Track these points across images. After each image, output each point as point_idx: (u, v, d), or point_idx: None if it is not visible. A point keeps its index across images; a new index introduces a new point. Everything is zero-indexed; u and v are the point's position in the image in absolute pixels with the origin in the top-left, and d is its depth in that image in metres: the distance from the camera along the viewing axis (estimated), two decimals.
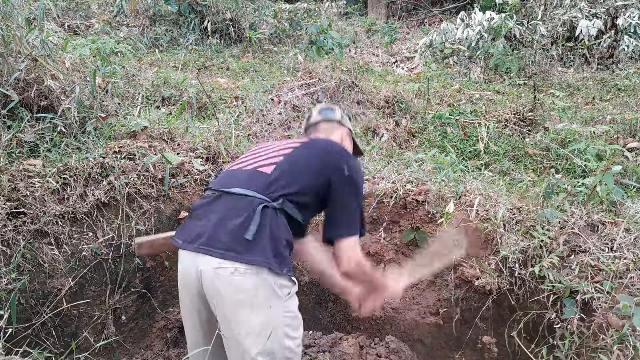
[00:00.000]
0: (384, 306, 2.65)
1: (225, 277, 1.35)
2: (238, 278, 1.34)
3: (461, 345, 2.47)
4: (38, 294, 2.08)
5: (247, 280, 1.35)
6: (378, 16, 9.92)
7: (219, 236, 1.39)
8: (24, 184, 2.12)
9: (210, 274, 1.37)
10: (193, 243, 1.42)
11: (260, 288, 1.37)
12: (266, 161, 1.56)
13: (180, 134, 2.91)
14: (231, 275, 1.35)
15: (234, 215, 1.41)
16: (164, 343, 2.56)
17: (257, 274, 1.36)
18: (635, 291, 1.78)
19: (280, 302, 1.42)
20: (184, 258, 1.48)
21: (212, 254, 1.37)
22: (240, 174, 1.55)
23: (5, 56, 2.48)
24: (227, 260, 1.35)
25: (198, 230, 1.44)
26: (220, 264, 1.36)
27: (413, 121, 4.33)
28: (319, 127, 1.88)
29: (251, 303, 1.36)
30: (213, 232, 1.40)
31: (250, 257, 1.36)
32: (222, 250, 1.37)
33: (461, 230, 2.08)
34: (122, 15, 5.90)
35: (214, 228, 1.41)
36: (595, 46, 6.39)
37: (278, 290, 1.41)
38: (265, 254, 1.37)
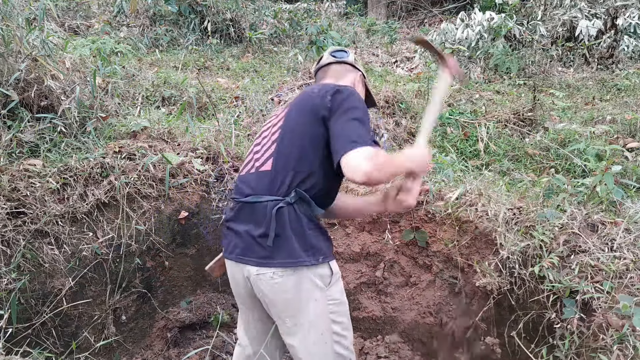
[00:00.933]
0: (384, 306, 2.65)
1: (267, 282, 1.43)
2: (278, 280, 1.42)
3: (461, 345, 2.47)
4: (38, 294, 2.08)
5: (287, 280, 1.42)
6: (378, 16, 9.93)
7: (251, 246, 1.46)
8: (24, 184, 2.12)
9: (254, 279, 1.46)
10: (232, 253, 1.52)
11: (302, 284, 1.44)
12: (263, 156, 1.53)
13: (180, 134, 2.91)
14: (271, 279, 1.42)
15: (256, 225, 1.45)
16: (164, 343, 2.56)
17: (294, 272, 1.43)
18: (635, 291, 1.78)
19: (323, 293, 1.49)
20: (230, 266, 1.60)
21: (250, 263, 1.46)
22: (248, 178, 1.56)
23: (6, 56, 2.48)
24: (263, 267, 1.43)
25: (234, 242, 1.53)
26: (259, 270, 1.44)
27: (413, 121, 4.33)
28: (330, 70, 1.76)
29: (297, 299, 1.44)
30: (244, 243, 1.48)
31: (281, 260, 1.41)
32: (255, 259, 1.44)
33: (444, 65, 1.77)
34: (122, 15, 5.90)
35: (244, 239, 1.48)
36: (595, 46, 6.39)
37: (319, 281, 1.47)
38: (294, 253, 1.41)
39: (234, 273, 1.58)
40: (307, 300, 1.45)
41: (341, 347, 1.55)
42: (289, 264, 1.41)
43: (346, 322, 1.58)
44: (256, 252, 1.44)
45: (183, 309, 2.61)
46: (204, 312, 2.65)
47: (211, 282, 2.73)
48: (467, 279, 2.40)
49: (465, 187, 2.55)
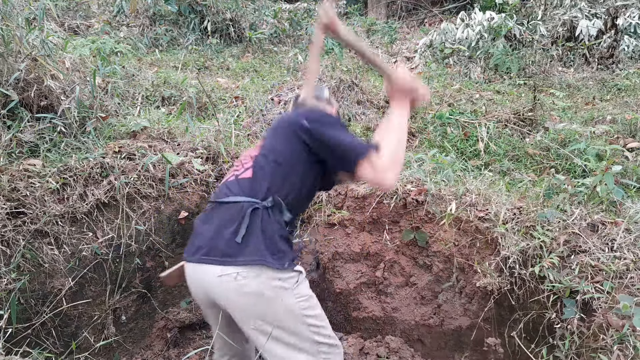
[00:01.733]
0: (384, 306, 2.65)
1: (230, 284, 1.39)
2: (242, 282, 1.39)
3: (462, 345, 2.47)
4: (38, 294, 2.07)
5: (251, 282, 1.39)
6: (378, 16, 9.92)
7: (217, 244, 1.43)
8: (24, 184, 2.11)
9: (216, 282, 1.42)
10: (195, 255, 1.47)
11: (266, 288, 1.41)
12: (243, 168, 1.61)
13: (180, 134, 2.91)
14: (235, 281, 1.39)
15: (228, 223, 1.45)
16: (164, 343, 2.56)
17: (258, 275, 1.40)
18: (635, 291, 1.78)
19: (290, 292, 1.47)
20: (189, 271, 1.54)
21: (213, 263, 1.42)
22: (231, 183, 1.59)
23: (5, 56, 2.48)
24: (227, 266, 1.40)
25: (199, 243, 1.49)
26: (222, 271, 1.40)
27: (413, 121, 4.33)
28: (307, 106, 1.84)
29: (263, 303, 1.42)
30: (211, 242, 1.45)
31: (246, 258, 1.39)
32: (220, 257, 1.41)
33: None
34: (122, 15, 5.90)
35: (212, 238, 1.45)
36: (595, 46, 6.39)
37: (284, 283, 1.45)
38: (260, 253, 1.41)
39: (194, 278, 1.51)
40: (274, 301, 1.43)
41: (321, 336, 1.54)
42: (253, 262, 1.39)
43: (320, 313, 1.56)
44: (220, 250, 1.41)
45: (183, 309, 2.61)
46: None
47: None
48: (468, 279, 2.40)
49: (465, 189, 2.55)
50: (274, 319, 1.44)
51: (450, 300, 2.49)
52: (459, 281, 2.45)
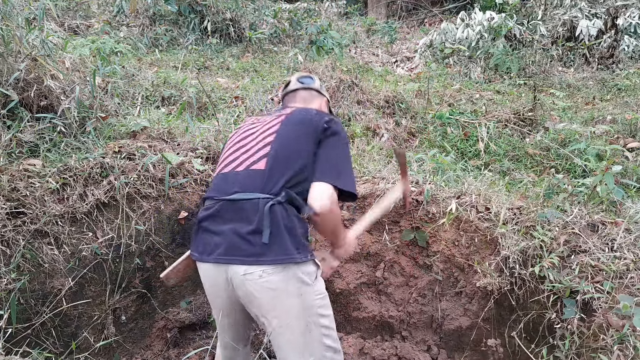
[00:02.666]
0: (384, 306, 2.65)
1: (254, 281, 1.41)
2: (267, 278, 1.40)
3: (462, 345, 2.47)
4: (38, 294, 2.07)
5: (276, 277, 1.41)
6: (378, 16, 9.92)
7: (237, 244, 1.42)
8: (23, 184, 2.11)
9: (239, 280, 1.42)
10: (212, 254, 1.46)
11: (290, 281, 1.43)
12: (256, 155, 1.56)
13: (180, 134, 2.91)
14: (260, 278, 1.40)
15: (245, 222, 1.43)
16: (164, 343, 2.56)
17: (283, 269, 1.42)
18: (635, 291, 1.78)
19: (310, 288, 1.49)
20: (207, 270, 1.53)
21: (236, 262, 1.42)
22: (235, 177, 1.55)
23: (5, 56, 2.48)
24: (252, 265, 1.40)
25: (214, 242, 1.47)
26: (247, 270, 1.40)
27: (413, 121, 4.33)
28: (298, 95, 1.86)
29: (285, 296, 1.43)
30: (230, 241, 1.44)
31: (273, 257, 1.40)
32: (244, 257, 1.41)
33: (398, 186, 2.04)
34: (122, 15, 5.90)
35: (230, 238, 1.44)
36: (595, 46, 6.38)
37: (305, 277, 1.47)
38: (287, 250, 1.42)
39: (212, 276, 1.50)
40: (293, 296, 1.44)
41: (330, 339, 1.55)
42: (280, 261, 1.40)
43: (331, 314, 1.58)
44: (244, 250, 1.40)
45: (183, 309, 2.61)
46: (204, 312, 2.65)
47: None
48: (468, 279, 2.40)
49: (465, 189, 2.55)
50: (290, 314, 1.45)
51: (451, 300, 2.49)
52: (459, 281, 2.45)
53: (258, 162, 1.53)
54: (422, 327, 2.59)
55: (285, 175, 1.49)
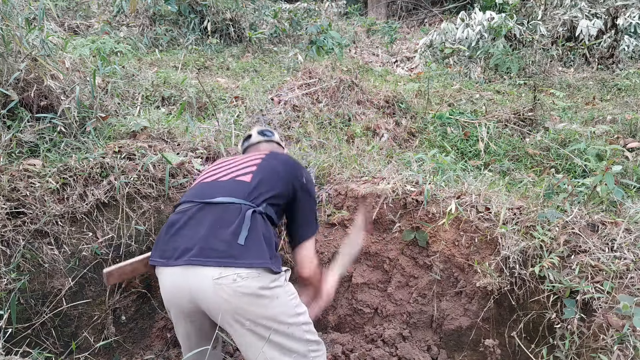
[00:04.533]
0: (385, 306, 2.65)
1: (228, 286, 1.35)
2: (241, 283, 1.36)
3: (462, 345, 2.47)
4: (38, 294, 2.07)
5: (250, 283, 1.38)
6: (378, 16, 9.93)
7: (214, 245, 1.38)
8: (23, 184, 2.11)
9: (210, 285, 1.36)
10: (181, 257, 1.40)
11: (264, 289, 1.42)
12: (241, 171, 1.65)
13: (180, 134, 2.91)
14: (234, 282, 1.35)
15: (225, 223, 1.42)
16: (164, 343, 2.56)
17: (258, 276, 1.39)
18: (635, 291, 1.78)
19: (283, 289, 1.50)
20: (171, 274, 1.44)
21: (209, 264, 1.36)
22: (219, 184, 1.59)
23: (5, 56, 2.48)
24: (227, 267, 1.36)
25: (185, 244, 1.42)
26: (221, 273, 1.36)
27: (413, 121, 4.33)
28: (260, 147, 1.99)
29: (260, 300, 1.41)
30: (205, 242, 1.39)
31: (249, 260, 1.38)
32: (219, 259, 1.37)
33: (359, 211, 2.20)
34: (122, 15, 5.90)
35: (206, 239, 1.40)
36: (595, 46, 6.38)
37: (277, 282, 1.48)
38: (263, 255, 1.41)
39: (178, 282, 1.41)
40: (270, 300, 1.42)
41: (311, 334, 1.58)
42: (255, 265, 1.38)
43: (306, 310, 1.61)
44: (220, 251, 1.37)
45: None
46: None
47: None
48: (468, 279, 2.40)
49: (465, 189, 2.55)
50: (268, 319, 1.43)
51: (451, 300, 2.49)
52: (459, 281, 2.45)
53: (243, 175, 1.60)
54: (422, 327, 2.59)
55: (269, 192, 1.58)
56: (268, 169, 1.67)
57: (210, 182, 1.63)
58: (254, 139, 2.03)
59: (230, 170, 1.68)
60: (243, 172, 1.64)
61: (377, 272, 2.68)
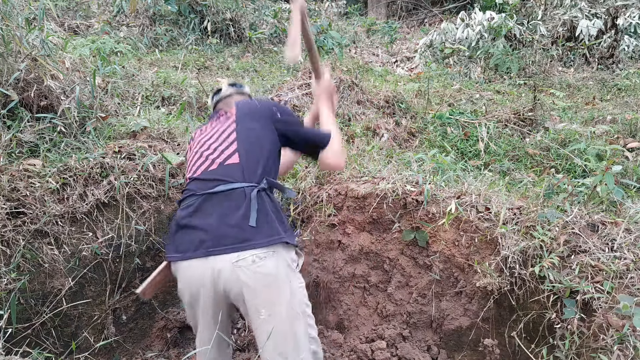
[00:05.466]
0: (385, 306, 2.65)
1: (247, 268, 1.40)
2: (260, 263, 1.41)
3: (461, 345, 2.46)
4: (38, 294, 2.07)
5: (268, 262, 1.42)
6: (378, 16, 9.93)
7: (227, 232, 1.42)
8: (23, 184, 2.11)
9: (229, 270, 1.41)
10: (198, 250, 1.44)
11: (280, 266, 1.46)
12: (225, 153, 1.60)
13: (180, 134, 2.91)
14: (253, 263, 1.40)
15: (232, 209, 1.45)
16: (164, 343, 2.56)
17: (274, 253, 1.44)
18: (635, 291, 1.78)
19: (295, 275, 1.53)
20: (190, 267, 1.48)
21: (226, 251, 1.41)
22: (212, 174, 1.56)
23: (5, 56, 2.48)
24: (244, 250, 1.40)
25: (199, 237, 1.45)
26: (239, 256, 1.40)
27: (413, 121, 4.33)
28: (232, 100, 1.89)
29: (276, 283, 1.45)
30: (218, 231, 1.43)
31: (264, 239, 1.43)
32: (234, 244, 1.41)
33: None
34: (122, 15, 5.90)
35: (218, 228, 1.43)
36: (595, 46, 6.39)
37: (292, 264, 1.52)
38: (276, 231, 1.46)
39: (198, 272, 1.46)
40: (284, 283, 1.47)
41: (313, 330, 1.59)
42: (270, 242, 1.43)
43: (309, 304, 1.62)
44: (234, 237, 1.41)
45: (183, 309, 2.61)
46: None
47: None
48: (468, 279, 2.40)
49: (465, 189, 2.55)
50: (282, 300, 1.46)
51: (451, 300, 2.49)
52: (459, 281, 2.45)
53: (230, 157, 1.57)
54: (422, 327, 2.59)
55: (260, 164, 1.56)
56: (246, 134, 1.62)
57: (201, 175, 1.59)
58: (225, 91, 1.94)
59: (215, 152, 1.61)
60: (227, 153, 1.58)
61: (377, 272, 2.68)
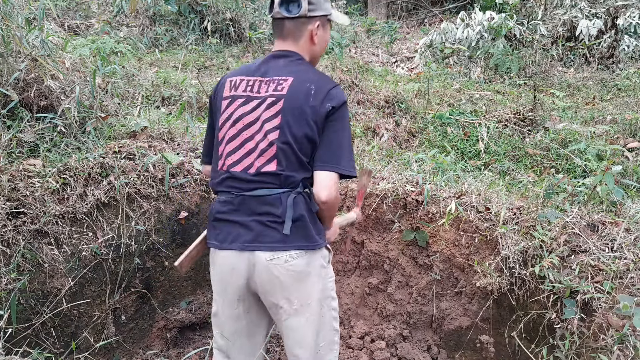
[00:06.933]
0: (384, 306, 2.65)
1: (280, 266, 1.48)
2: (292, 262, 1.49)
3: (461, 345, 2.46)
4: (38, 294, 2.07)
5: (300, 261, 1.51)
6: (378, 16, 9.93)
7: (264, 232, 1.49)
8: (24, 184, 2.11)
9: (264, 266, 1.49)
10: (235, 242, 1.51)
11: (312, 263, 1.54)
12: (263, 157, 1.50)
13: (180, 134, 2.91)
14: (286, 262, 1.48)
15: (268, 213, 1.50)
16: (163, 343, 2.56)
17: (306, 253, 1.52)
18: (635, 291, 1.78)
19: (325, 269, 1.61)
20: (226, 257, 1.55)
21: (262, 249, 1.49)
22: (251, 177, 1.52)
23: (5, 56, 2.48)
24: (279, 251, 1.48)
25: (237, 231, 1.52)
26: (273, 255, 1.48)
27: (413, 121, 4.33)
28: (285, 29, 1.60)
29: (308, 278, 1.54)
30: (256, 230, 1.50)
31: (298, 243, 1.50)
32: (270, 244, 1.48)
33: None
34: (122, 15, 5.90)
35: (255, 227, 1.50)
36: (595, 46, 6.39)
37: (323, 260, 1.59)
38: (308, 236, 1.51)
39: (232, 263, 1.53)
40: (315, 277, 1.55)
41: (336, 322, 1.67)
42: (304, 247, 1.50)
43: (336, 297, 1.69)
44: (270, 237, 1.48)
45: (183, 309, 2.61)
46: (204, 312, 2.65)
47: (211, 283, 2.72)
48: (468, 279, 2.40)
49: (465, 189, 2.55)
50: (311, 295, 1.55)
51: (451, 300, 2.49)
52: (459, 281, 2.45)
53: (267, 164, 1.50)
54: (422, 327, 2.59)
55: (298, 170, 1.51)
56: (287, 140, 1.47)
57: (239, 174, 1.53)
58: (276, 11, 1.58)
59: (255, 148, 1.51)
60: (266, 159, 1.49)
61: (377, 272, 2.68)
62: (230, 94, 1.59)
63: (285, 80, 1.54)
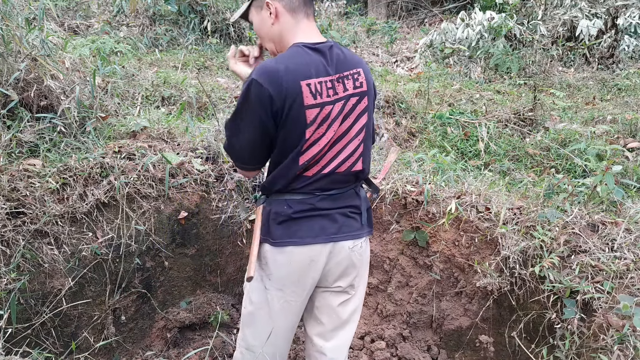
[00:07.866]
0: (384, 306, 2.65)
1: (357, 251, 1.66)
2: (364, 247, 1.70)
3: (461, 345, 2.46)
4: (38, 294, 2.07)
5: (367, 246, 1.74)
6: (378, 16, 9.93)
7: (346, 223, 1.63)
8: (23, 184, 2.11)
9: (345, 254, 1.64)
10: (321, 236, 1.60)
11: (369, 248, 1.78)
12: (354, 156, 1.60)
13: (180, 134, 2.91)
14: (360, 247, 1.67)
15: (351, 206, 1.65)
16: (163, 343, 2.56)
17: (367, 240, 1.74)
18: (635, 291, 1.78)
19: None
20: (304, 252, 1.60)
21: (346, 239, 1.63)
22: (336, 177, 1.59)
23: (5, 56, 2.48)
24: (357, 239, 1.66)
25: (319, 225, 1.60)
26: (354, 243, 1.65)
27: (413, 121, 4.33)
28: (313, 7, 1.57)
29: (367, 261, 1.77)
30: (338, 223, 1.62)
31: (368, 230, 1.72)
32: (352, 232, 1.65)
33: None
34: (122, 15, 5.90)
35: (339, 219, 1.62)
36: (595, 46, 6.39)
37: None
38: (371, 225, 1.74)
39: (316, 255, 1.59)
40: (368, 261, 1.79)
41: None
42: (370, 233, 1.73)
43: None
44: (352, 226, 1.64)
45: (183, 309, 2.61)
46: (204, 312, 2.65)
47: (211, 283, 2.72)
48: (468, 279, 2.40)
49: (465, 189, 2.55)
50: (365, 280, 1.78)
51: (451, 300, 2.49)
52: (459, 281, 2.45)
53: (356, 163, 1.62)
54: (422, 327, 2.59)
55: (368, 167, 1.71)
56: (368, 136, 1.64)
57: (335, 175, 1.58)
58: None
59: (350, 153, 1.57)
60: (355, 157, 1.59)
61: (377, 272, 2.68)
62: (316, 102, 1.48)
63: (358, 73, 1.56)
